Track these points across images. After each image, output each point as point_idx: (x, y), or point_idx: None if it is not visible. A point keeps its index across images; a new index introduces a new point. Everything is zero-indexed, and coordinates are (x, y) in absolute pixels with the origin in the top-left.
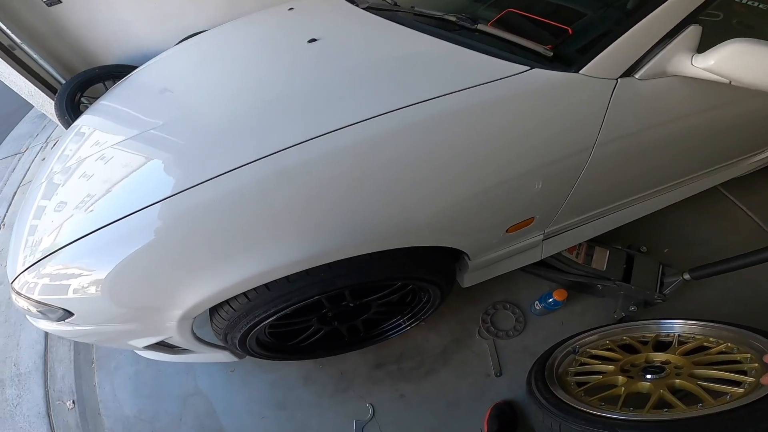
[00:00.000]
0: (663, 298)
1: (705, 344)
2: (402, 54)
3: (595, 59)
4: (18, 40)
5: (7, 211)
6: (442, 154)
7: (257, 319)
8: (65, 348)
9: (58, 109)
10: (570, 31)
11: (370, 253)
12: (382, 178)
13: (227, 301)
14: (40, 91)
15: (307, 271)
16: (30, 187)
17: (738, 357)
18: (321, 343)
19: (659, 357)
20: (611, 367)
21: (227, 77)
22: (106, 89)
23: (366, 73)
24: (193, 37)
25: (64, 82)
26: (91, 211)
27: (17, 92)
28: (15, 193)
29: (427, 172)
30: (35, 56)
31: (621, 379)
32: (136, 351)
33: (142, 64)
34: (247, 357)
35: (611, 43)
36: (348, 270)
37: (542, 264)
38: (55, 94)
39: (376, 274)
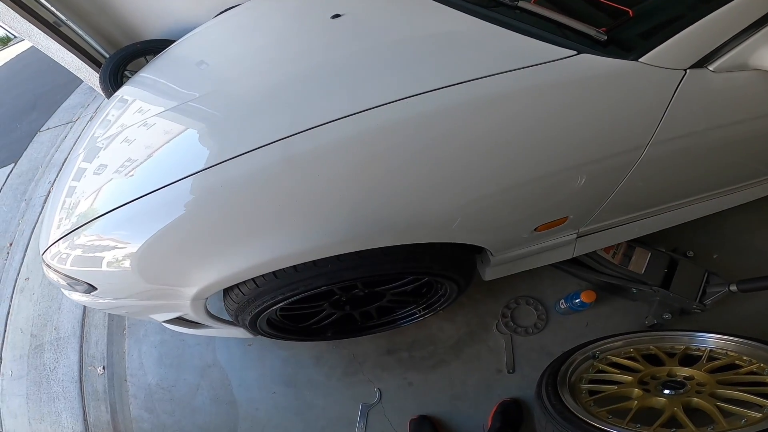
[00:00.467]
0: (702, 308)
1: (737, 362)
2: (430, 32)
3: (661, 46)
4: (63, 17)
5: (56, 177)
6: (467, 144)
7: (265, 304)
8: (101, 314)
9: (103, 82)
10: (631, 12)
11: (381, 247)
12: (397, 166)
13: (237, 285)
14: (86, 65)
15: (314, 261)
16: (69, 156)
17: None
18: (333, 326)
19: (683, 371)
20: (629, 378)
21: (261, 51)
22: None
23: (392, 53)
24: (229, 10)
25: (108, 56)
26: (131, 176)
27: (66, 67)
28: (65, 159)
29: (451, 163)
30: (80, 32)
31: (636, 391)
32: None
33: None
34: None
35: (684, 29)
36: (357, 263)
37: (574, 261)
38: (100, 68)
39: (385, 268)
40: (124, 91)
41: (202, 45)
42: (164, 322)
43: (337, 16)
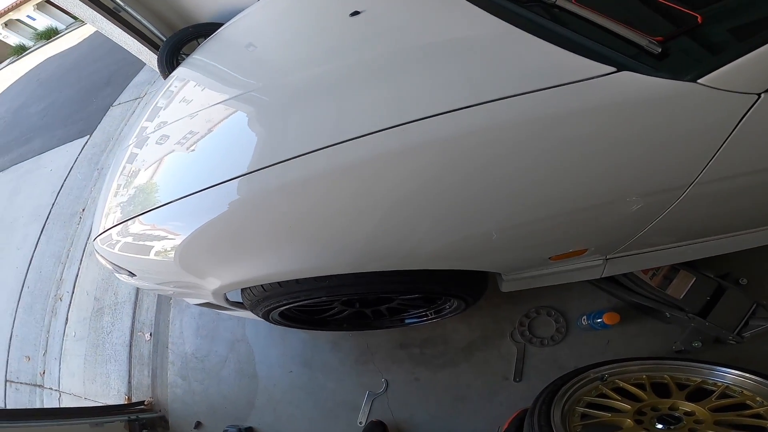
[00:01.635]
0: (739, 340)
1: (748, 402)
2: (448, 37)
3: (734, 64)
4: (122, 3)
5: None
6: (471, 174)
7: (272, 305)
8: None
9: (160, 65)
10: (700, 18)
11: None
12: (400, 194)
13: (249, 287)
14: (145, 48)
15: (314, 277)
16: (117, 147)
17: None
18: (346, 320)
19: (686, 406)
20: (627, 407)
21: (307, 37)
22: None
23: (407, 62)
24: None
25: (164, 40)
26: (180, 170)
27: (128, 50)
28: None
29: (451, 194)
30: (138, 17)
31: (628, 422)
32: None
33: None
34: None
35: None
36: (354, 281)
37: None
38: (158, 51)
39: (383, 288)
40: (179, 73)
41: (249, 29)
42: (195, 304)
43: (356, 13)
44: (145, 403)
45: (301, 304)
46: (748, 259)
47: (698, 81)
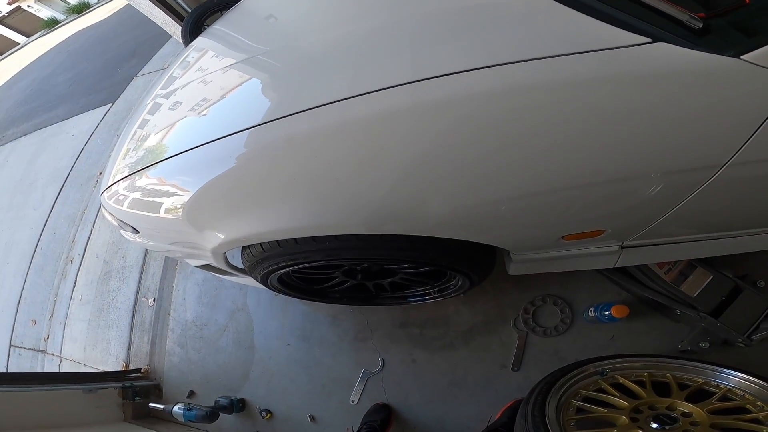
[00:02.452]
0: (748, 342)
1: (748, 406)
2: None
3: None
4: None
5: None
6: (494, 135)
7: (271, 267)
8: None
9: (183, 36)
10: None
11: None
12: (404, 150)
13: (248, 246)
14: (171, 20)
15: (313, 237)
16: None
17: None
18: (346, 292)
19: (684, 407)
20: (624, 404)
21: (327, 6)
22: None
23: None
24: None
25: (189, 11)
26: (188, 124)
27: (155, 22)
28: (133, 108)
29: (463, 156)
30: None
31: (623, 419)
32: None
33: None
34: None
35: None
36: (355, 244)
37: (619, 268)
38: (182, 23)
39: (384, 254)
40: (198, 42)
41: (269, 3)
42: (195, 266)
43: None
44: (142, 371)
45: (300, 268)
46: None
47: (741, 57)
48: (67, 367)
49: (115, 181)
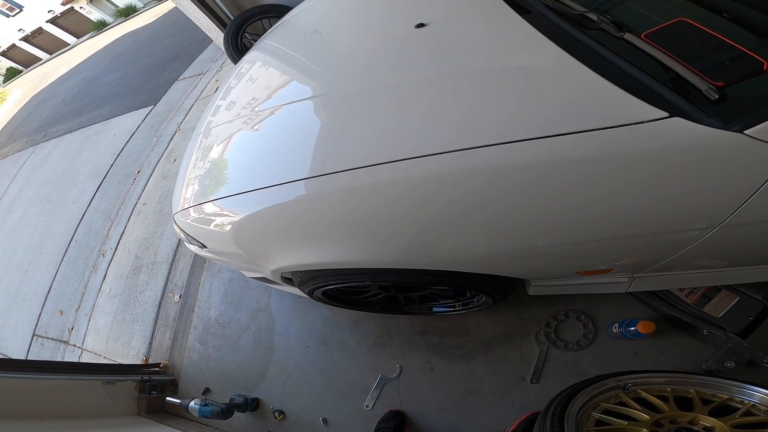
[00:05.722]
0: None
1: None
2: (510, 64)
3: None
4: None
5: (183, 119)
6: (522, 201)
7: (321, 284)
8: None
9: (225, 42)
10: (766, 65)
11: None
12: (458, 210)
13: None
14: (214, 25)
15: None
16: (195, 131)
17: None
18: (379, 303)
19: (707, 421)
20: (646, 417)
21: (369, 45)
22: (263, 27)
23: (469, 87)
24: None
25: (232, 18)
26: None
27: (199, 26)
28: (192, 106)
29: (505, 216)
30: None
31: None
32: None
33: (295, 4)
34: None
35: None
36: (396, 271)
37: None
38: (225, 29)
39: (422, 279)
40: (248, 58)
41: (319, 17)
42: (251, 277)
43: (421, 25)
44: (161, 365)
45: (345, 286)
46: None
47: (745, 132)
48: (87, 359)
49: (185, 207)
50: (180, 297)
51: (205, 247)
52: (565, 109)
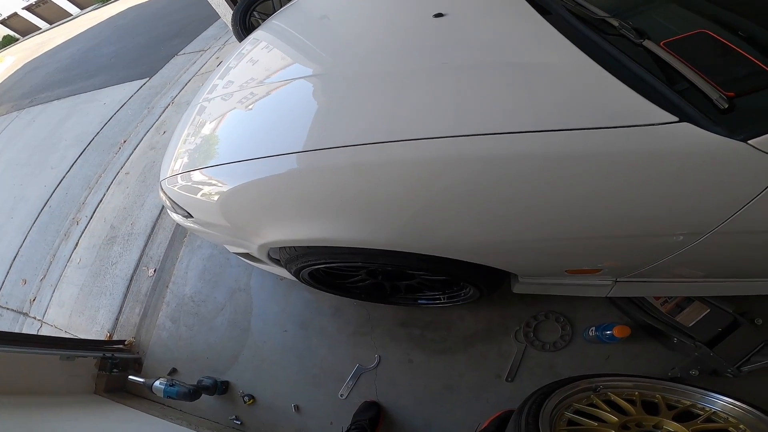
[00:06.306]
0: (736, 373)
1: (731, 429)
2: (527, 60)
3: None
4: None
5: (179, 93)
6: (524, 192)
7: (309, 263)
8: (171, 219)
9: (233, 19)
10: None
11: None
12: (457, 195)
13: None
14: (224, 2)
15: None
16: (193, 101)
17: None
18: (364, 289)
19: (670, 425)
20: (614, 419)
21: (383, 29)
22: (274, 7)
23: (484, 77)
24: None
25: None
26: (244, 134)
27: (209, 2)
28: (189, 80)
29: (503, 205)
30: None
31: None
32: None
33: None
34: None
35: None
36: (389, 252)
37: None
38: (234, 6)
39: (412, 263)
40: (255, 37)
41: (327, 4)
42: (234, 252)
43: (440, 15)
44: (126, 342)
45: (335, 266)
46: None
47: (748, 141)
48: (47, 333)
49: (174, 174)
50: (155, 271)
51: (190, 216)
52: (578, 106)
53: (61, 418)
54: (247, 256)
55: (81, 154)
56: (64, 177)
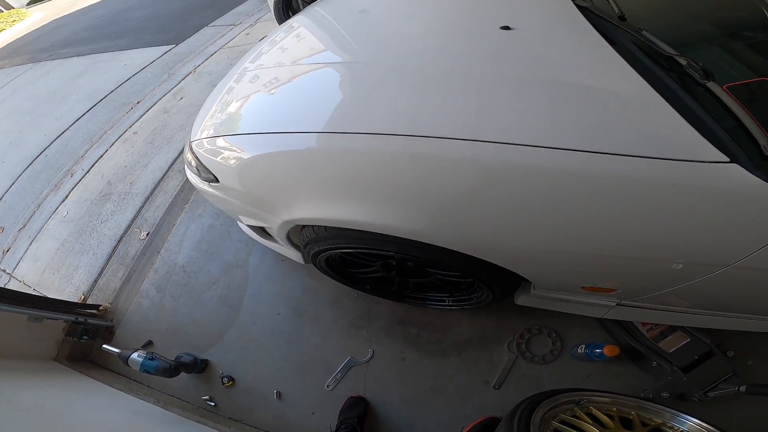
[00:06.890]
0: (702, 397)
1: None
2: (590, 83)
3: None
4: None
5: (202, 63)
6: (568, 206)
7: (336, 245)
8: (175, 182)
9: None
10: None
11: None
12: (502, 200)
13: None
14: None
15: None
16: (233, 69)
17: None
18: (374, 282)
19: None
20: (595, 431)
21: (426, 27)
22: None
23: (544, 91)
24: None
25: None
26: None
27: None
28: (215, 52)
29: (547, 216)
30: None
31: None
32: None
33: None
34: None
35: None
36: (427, 247)
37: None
38: None
39: (446, 259)
40: (297, 22)
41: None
42: (247, 225)
43: (507, 28)
44: (100, 308)
45: (357, 252)
46: (743, 337)
47: None
48: (13, 288)
49: (209, 136)
50: (147, 234)
51: (216, 181)
52: (631, 132)
53: (17, 386)
54: (258, 230)
55: (90, 109)
56: (67, 129)
